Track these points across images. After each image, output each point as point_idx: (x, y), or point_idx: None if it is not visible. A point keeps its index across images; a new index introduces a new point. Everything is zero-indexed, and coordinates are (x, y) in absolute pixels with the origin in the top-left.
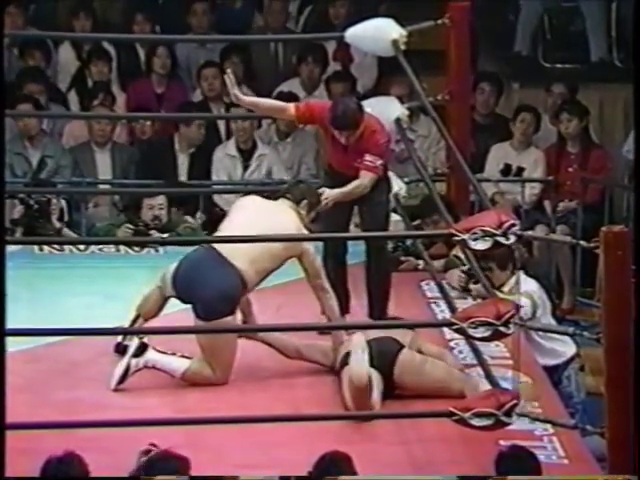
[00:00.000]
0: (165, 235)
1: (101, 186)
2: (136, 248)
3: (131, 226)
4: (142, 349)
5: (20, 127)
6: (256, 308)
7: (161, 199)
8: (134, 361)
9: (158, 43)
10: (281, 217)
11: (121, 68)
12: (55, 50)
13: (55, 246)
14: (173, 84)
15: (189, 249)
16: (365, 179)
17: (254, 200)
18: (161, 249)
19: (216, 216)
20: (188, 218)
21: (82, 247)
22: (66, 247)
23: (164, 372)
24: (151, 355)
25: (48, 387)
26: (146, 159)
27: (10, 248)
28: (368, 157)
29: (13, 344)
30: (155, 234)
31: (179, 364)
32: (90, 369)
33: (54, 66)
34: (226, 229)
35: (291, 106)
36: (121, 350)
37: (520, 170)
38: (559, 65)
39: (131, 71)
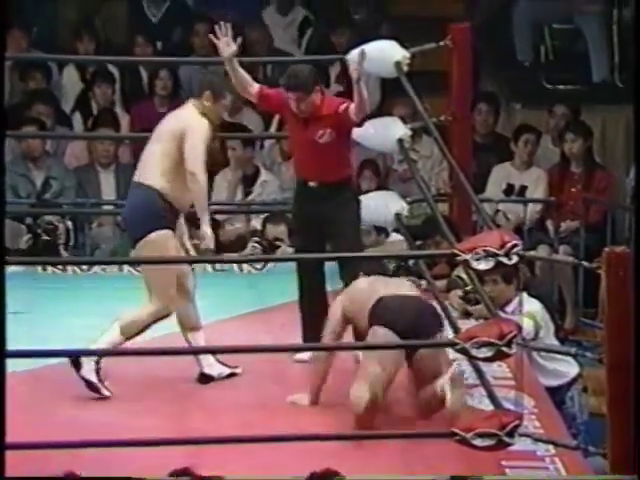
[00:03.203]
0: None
1: (105, 206)
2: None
3: None
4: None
5: (24, 148)
6: (262, 327)
7: None
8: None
9: (160, 65)
10: None
11: (124, 90)
12: (59, 72)
13: (59, 267)
14: (176, 105)
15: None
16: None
17: None
18: None
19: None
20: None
21: (85, 267)
22: (69, 268)
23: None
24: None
25: (50, 407)
26: None
27: (13, 268)
28: (341, 107)
29: (14, 364)
30: None
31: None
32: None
33: (58, 88)
34: None
35: (256, 86)
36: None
37: (523, 189)
38: (561, 86)
39: (134, 93)
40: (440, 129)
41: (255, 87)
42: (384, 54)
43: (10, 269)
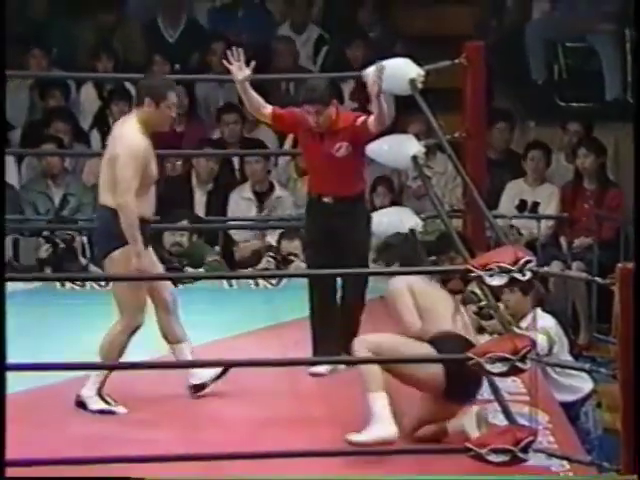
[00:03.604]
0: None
1: None
2: None
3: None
4: None
5: (43, 166)
6: (277, 342)
7: (183, 225)
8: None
9: (176, 83)
10: None
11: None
12: (77, 90)
13: (77, 283)
14: (192, 122)
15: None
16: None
17: None
18: (181, 284)
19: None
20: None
21: (103, 283)
22: (88, 283)
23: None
24: None
25: (65, 422)
26: (166, 194)
27: (33, 285)
28: (359, 119)
29: (31, 380)
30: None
31: None
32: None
33: (76, 106)
34: None
35: (269, 107)
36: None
37: (535, 205)
38: (574, 104)
39: None
40: (454, 146)
41: (268, 109)
42: (399, 72)
43: (29, 285)
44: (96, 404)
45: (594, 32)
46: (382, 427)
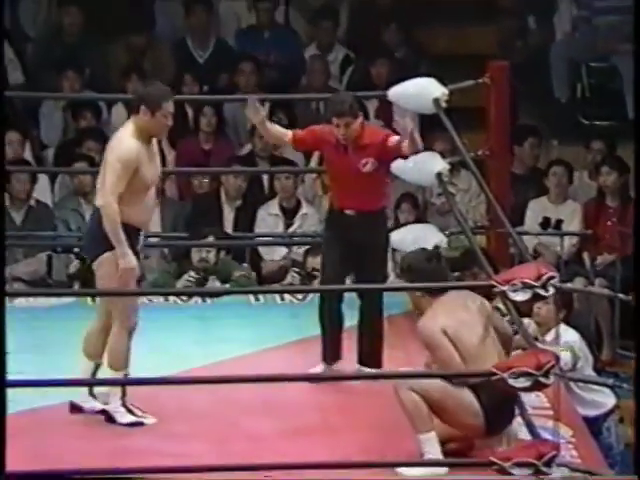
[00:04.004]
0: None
1: (150, 239)
2: (183, 298)
3: (193, 275)
4: None
5: (75, 184)
6: (301, 357)
7: (209, 241)
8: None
9: (205, 103)
10: None
11: (171, 126)
12: (108, 111)
13: None
14: (220, 140)
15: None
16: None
17: None
18: (208, 299)
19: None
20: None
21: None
22: None
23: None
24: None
25: (98, 435)
26: (195, 211)
27: (65, 300)
28: (391, 140)
29: (59, 395)
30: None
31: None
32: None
33: (107, 125)
34: None
35: (289, 133)
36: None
37: (559, 222)
38: (597, 122)
39: (180, 129)
40: (477, 163)
41: (288, 135)
42: (423, 91)
43: (63, 301)
44: (124, 417)
45: (617, 52)
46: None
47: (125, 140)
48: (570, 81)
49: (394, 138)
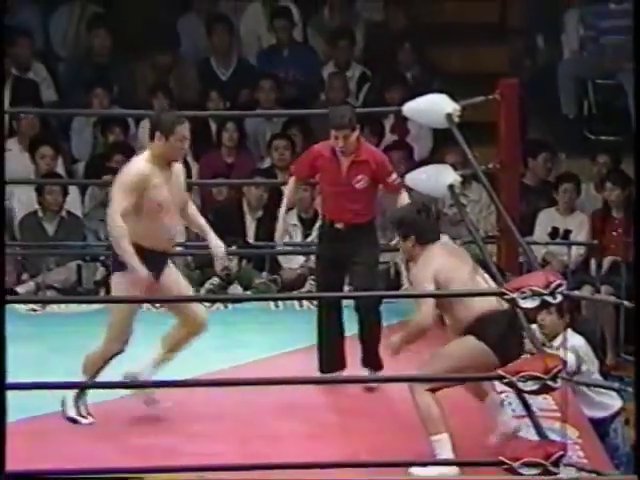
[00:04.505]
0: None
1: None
2: (206, 304)
3: (215, 282)
4: None
5: (104, 196)
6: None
7: (232, 250)
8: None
9: (227, 118)
10: None
11: (194, 141)
12: (136, 126)
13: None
14: (242, 154)
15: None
16: (404, 194)
17: None
18: (230, 305)
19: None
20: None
21: (158, 305)
22: (144, 305)
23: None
24: None
25: (124, 435)
26: (218, 221)
27: (93, 307)
28: (392, 177)
29: (91, 396)
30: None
31: None
32: (160, 418)
33: (135, 140)
34: None
35: (291, 180)
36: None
37: (567, 232)
38: (603, 137)
39: (203, 143)
40: (488, 176)
41: (291, 181)
42: (436, 106)
43: (89, 307)
44: (70, 411)
45: (622, 70)
46: (446, 467)
47: (136, 163)
48: (577, 98)
49: (395, 176)
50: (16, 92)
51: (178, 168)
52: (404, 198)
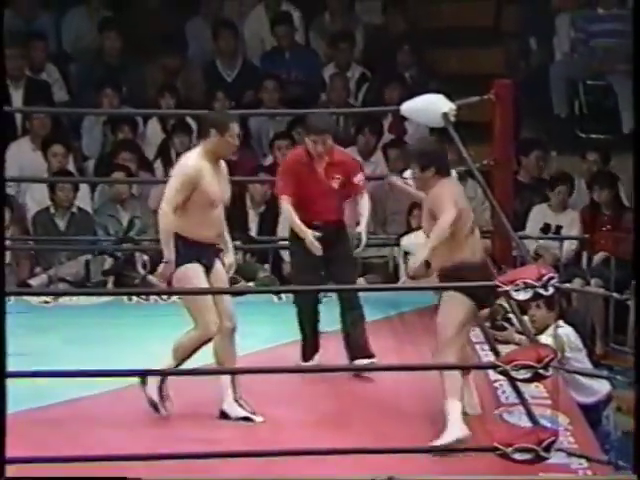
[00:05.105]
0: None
1: None
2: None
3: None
4: None
5: (113, 192)
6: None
7: (236, 244)
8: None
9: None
10: None
11: (200, 139)
12: (144, 125)
13: (142, 297)
14: (245, 152)
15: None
16: (366, 196)
17: None
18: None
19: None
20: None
21: (165, 297)
22: (152, 297)
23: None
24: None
25: (137, 424)
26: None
27: (103, 299)
28: (359, 177)
29: (103, 385)
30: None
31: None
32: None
33: (142, 138)
34: None
35: (284, 199)
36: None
37: (558, 228)
38: (593, 136)
39: None
40: (483, 173)
41: (285, 203)
42: (433, 106)
43: (99, 299)
44: (151, 391)
45: (612, 72)
46: (458, 429)
47: (191, 159)
48: (568, 98)
49: (361, 177)
50: (29, 92)
51: (224, 165)
52: (366, 200)
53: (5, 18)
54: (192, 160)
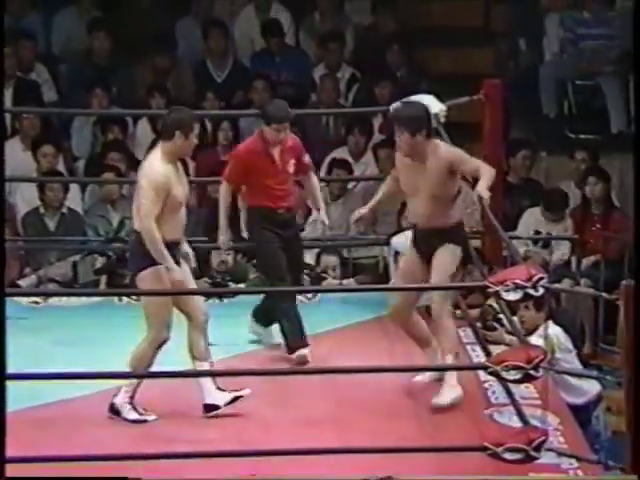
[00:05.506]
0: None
1: None
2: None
3: (209, 280)
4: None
5: (104, 193)
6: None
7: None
8: None
9: (222, 118)
10: None
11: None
12: (134, 125)
13: (133, 297)
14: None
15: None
16: (314, 175)
17: None
18: (226, 299)
19: None
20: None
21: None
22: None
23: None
24: None
25: (128, 423)
26: (213, 217)
27: (93, 300)
28: (306, 158)
29: (94, 386)
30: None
31: None
32: (159, 406)
33: (132, 138)
34: None
35: (223, 184)
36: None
37: (549, 235)
38: (582, 135)
39: (199, 142)
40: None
41: (224, 187)
42: None
43: (89, 300)
44: (130, 414)
45: (600, 74)
46: (455, 389)
47: (154, 166)
48: (558, 98)
49: (307, 157)
50: (19, 93)
51: (179, 164)
52: (315, 179)
53: None
54: (158, 166)
